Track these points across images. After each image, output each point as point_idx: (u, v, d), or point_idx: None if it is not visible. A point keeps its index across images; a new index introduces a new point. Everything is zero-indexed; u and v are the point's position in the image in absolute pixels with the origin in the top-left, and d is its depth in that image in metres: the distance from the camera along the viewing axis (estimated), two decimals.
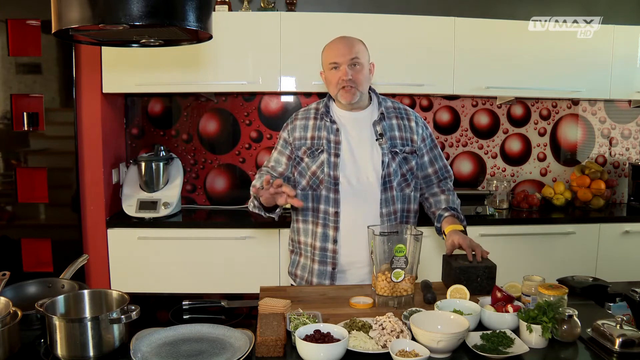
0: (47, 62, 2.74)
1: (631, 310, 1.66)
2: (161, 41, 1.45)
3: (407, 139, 1.90)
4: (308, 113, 1.94)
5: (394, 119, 1.91)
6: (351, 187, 1.85)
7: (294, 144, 1.91)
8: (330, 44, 1.89)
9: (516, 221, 3.15)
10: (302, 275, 1.96)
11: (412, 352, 1.28)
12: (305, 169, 1.88)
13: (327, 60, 1.86)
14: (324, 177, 1.85)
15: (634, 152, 3.63)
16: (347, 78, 1.80)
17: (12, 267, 2.38)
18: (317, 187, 1.86)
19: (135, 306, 1.35)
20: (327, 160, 1.84)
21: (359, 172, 1.85)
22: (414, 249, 1.64)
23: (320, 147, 1.86)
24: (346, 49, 1.82)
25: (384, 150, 1.85)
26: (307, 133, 1.90)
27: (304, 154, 1.88)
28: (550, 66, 3.12)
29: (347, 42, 1.84)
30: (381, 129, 1.87)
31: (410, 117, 1.94)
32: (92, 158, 2.88)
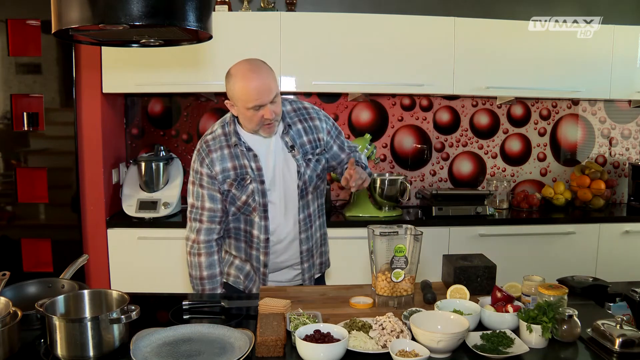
0: (47, 62, 2.74)
1: (631, 310, 1.66)
2: (161, 41, 1.45)
3: (315, 140, 1.89)
4: (219, 142, 1.83)
5: (298, 124, 1.88)
6: (276, 207, 1.86)
7: (218, 178, 1.82)
8: (245, 82, 1.71)
9: (516, 221, 3.15)
10: (236, 274, 1.97)
11: (412, 352, 1.28)
12: (234, 198, 1.84)
13: (247, 103, 1.71)
14: (255, 205, 1.84)
15: (634, 152, 3.63)
16: (271, 117, 1.74)
17: (12, 267, 2.39)
18: (250, 214, 1.86)
19: (135, 306, 1.35)
20: (256, 188, 1.82)
21: (281, 191, 1.86)
22: (413, 249, 1.64)
23: (245, 176, 1.82)
24: (266, 89, 1.70)
25: (298, 162, 1.85)
26: (227, 164, 1.81)
27: (230, 186, 1.82)
28: (550, 66, 3.12)
29: (264, 81, 1.70)
30: (290, 140, 1.85)
31: (312, 116, 1.92)
32: (92, 158, 2.88)
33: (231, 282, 1.99)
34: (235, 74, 1.75)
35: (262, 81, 1.70)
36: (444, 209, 3.05)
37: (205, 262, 1.85)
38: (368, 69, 3.00)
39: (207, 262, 1.85)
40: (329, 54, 2.96)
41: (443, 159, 3.49)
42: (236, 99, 1.74)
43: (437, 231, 2.98)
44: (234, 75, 1.75)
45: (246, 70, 1.73)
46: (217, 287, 1.86)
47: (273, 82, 1.73)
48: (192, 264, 1.87)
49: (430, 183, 3.49)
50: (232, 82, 1.75)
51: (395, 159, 3.45)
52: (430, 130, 3.45)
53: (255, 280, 1.95)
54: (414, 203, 3.41)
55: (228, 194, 1.83)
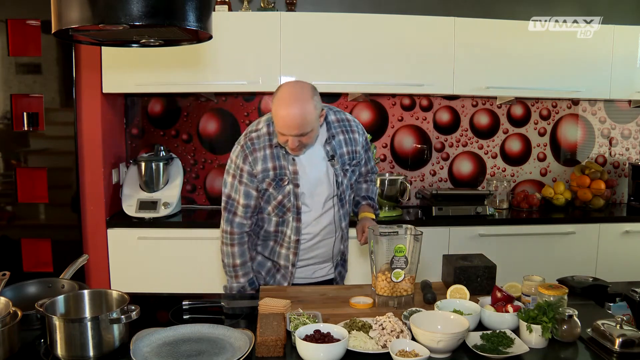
0: (47, 62, 2.74)
1: (631, 310, 1.66)
2: (161, 41, 1.45)
3: (352, 152, 1.96)
4: (263, 141, 1.86)
5: (340, 135, 1.93)
6: (310, 212, 1.91)
7: (258, 177, 1.85)
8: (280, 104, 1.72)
9: (516, 221, 3.16)
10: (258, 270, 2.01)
11: (412, 352, 1.28)
12: (271, 197, 1.88)
13: (276, 122, 1.74)
14: (290, 206, 1.88)
15: (634, 152, 3.63)
16: (293, 147, 1.76)
17: (12, 267, 2.38)
18: (284, 214, 1.90)
19: (135, 306, 1.35)
20: (292, 190, 1.86)
21: (316, 196, 1.90)
22: (413, 249, 1.64)
23: (283, 177, 1.85)
24: (294, 124, 1.70)
25: (337, 171, 1.90)
26: (268, 164, 1.85)
27: (269, 185, 1.86)
28: (550, 66, 3.12)
29: (293, 115, 1.69)
30: (332, 150, 1.90)
31: (353, 128, 1.98)
32: (92, 158, 2.88)
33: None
34: (279, 90, 1.77)
35: (291, 113, 1.70)
36: (444, 209, 3.05)
37: (238, 251, 1.91)
38: (368, 69, 3.00)
39: (240, 250, 1.91)
40: (329, 54, 2.96)
41: (443, 159, 3.49)
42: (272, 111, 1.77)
43: (437, 231, 2.98)
44: (277, 94, 1.76)
45: (285, 93, 1.74)
46: (249, 272, 1.92)
47: (305, 118, 1.70)
48: (226, 253, 1.92)
49: (430, 183, 3.49)
50: (273, 98, 1.76)
51: (395, 159, 3.44)
52: (430, 130, 3.45)
53: (276, 277, 1.99)
54: (414, 203, 3.41)
55: (265, 193, 1.88)
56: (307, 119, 1.71)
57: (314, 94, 1.76)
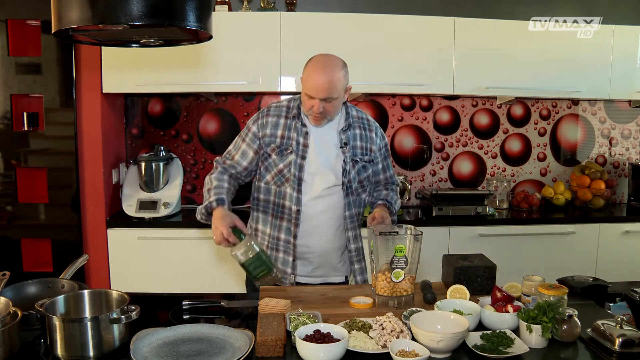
0: (47, 62, 2.74)
1: (631, 310, 1.66)
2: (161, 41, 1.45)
3: (366, 149, 2.01)
4: (280, 111, 1.97)
5: (357, 129, 2.01)
6: (312, 188, 1.93)
7: (264, 140, 1.94)
8: (312, 70, 1.85)
9: (516, 221, 3.16)
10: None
11: (412, 352, 1.28)
12: (272, 165, 1.94)
13: (305, 88, 1.86)
14: (289, 177, 1.92)
15: (634, 152, 3.63)
16: (317, 111, 1.86)
17: (12, 267, 2.38)
18: (282, 185, 1.94)
19: (135, 306, 1.35)
20: (295, 161, 1.91)
21: (320, 176, 1.93)
22: (413, 249, 1.64)
23: (289, 147, 1.92)
24: (324, 88, 1.82)
25: (346, 158, 1.95)
26: (278, 131, 1.94)
27: (273, 151, 1.93)
28: (550, 66, 3.12)
29: (326, 79, 1.82)
30: (346, 138, 1.96)
31: (371, 128, 2.06)
32: (92, 158, 2.88)
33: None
34: (312, 60, 1.90)
35: (321, 78, 1.82)
36: (444, 209, 3.05)
37: (216, 177, 1.96)
38: (368, 69, 3.00)
39: (217, 177, 1.97)
40: None
41: (443, 159, 3.49)
42: (303, 79, 1.89)
43: (437, 231, 2.98)
44: (310, 60, 1.90)
45: (321, 62, 1.87)
46: (222, 193, 1.91)
47: (333, 84, 1.82)
48: (205, 182, 1.98)
49: (430, 183, 3.49)
50: (307, 65, 1.90)
51: (395, 159, 3.44)
52: (430, 130, 3.45)
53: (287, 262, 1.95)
54: (414, 203, 3.41)
55: (267, 159, 1.94)
56: (336, 85, 1.83)
57: (344, 66, 1.89)
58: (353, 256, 2.01)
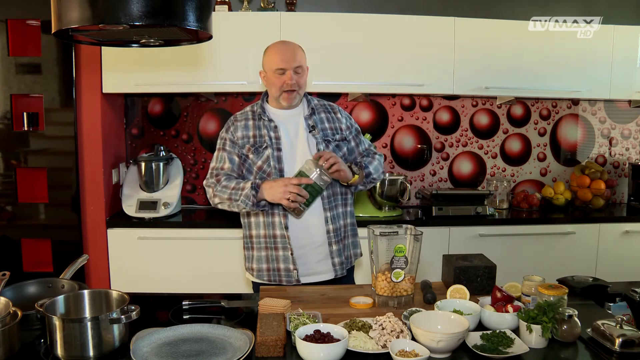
0: (47, 62, 2.74)
1: (631, 310, 1.66)
2: (161, 41, 1.45)
3: (336, 129, 2.09)
4: (246, 115, 2.08)
5: (322, 113, 2.11)
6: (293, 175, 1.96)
7: (238, 142, 2.02)
8: (275, 49, 2.01)
9: (516, 221, 3.15)
10: (260, 267, 2.02)
11: (412, 352, 1.28)
12: (251, 165, 2.01)
13: (273, 65, 1.98)
14: (270, 171, 1.98)
15: (634, 152, 3.63)
16: (292, 82, 1.97)
17: (12, 267, 2.38)
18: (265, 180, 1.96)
19: (135, 306, 1.35)
20: (272, 154, 1.99)
21: (298, 162, 1.99)
22: (413, 249, 1.64)
23: (262, 143, 2.00)
24: (291, 56, 1.97)
25: (317, 140, 2.03)
26: (249, 132, 2.03)
27: (248, 151, 2.01)
28: (550, 66, 3.12)
29: (291, 49, 1.99)
30: (313, 122, 2.06)
31: (335, 110, 2.15)
32: (92, 158, 2.88)
33: (255, 276, 2.04)
34: (270, 45, 2.05)
35: (288, 49, 1.99)
36: (444, 209, 3.05)
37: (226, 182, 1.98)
38: (368, 69, 3.00)
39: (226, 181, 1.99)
40: (329, 54, 2.96)
41: (443, 159, 3.49)
42: (266, 64, 2.02)
43: (437, 231, 2.98)
44: (269, 46, 2.05)
45: (279, 42, 2.06)
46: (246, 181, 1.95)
47: (300, 55, 2.00)
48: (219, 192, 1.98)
49: (430, 183, 3.49)
50: (266, 50, 2.04)
51: (395, 159, 3.45)
52: (430, 130, 3.45)
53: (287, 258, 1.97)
54: (414, 203, 3.41)
55: (246, 160, 2.02)
56: (302, 55, 2.01)
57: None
58: (331, 237, 1.99)
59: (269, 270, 2.00)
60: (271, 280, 2.00)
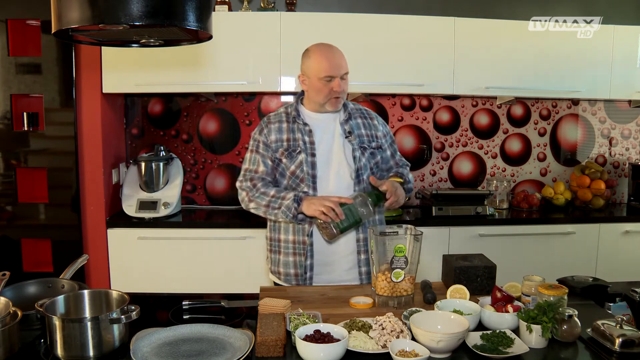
0: (47, 62, 2.74)
1: (631, 310, 1.66)
2: (161, 41, 1.45)
3: (372, 136, 2.04)
4: (280, 117, 2.02)
5: (358, 118, 2.05)
6: (327, 183, 1.94)
7: (271, 146, 1.97)
8: (322, 55, 1.94)
9: (516, 221, 3.15)
10: (287, 272, 1.99)
11: (412, 352, 1.28)
12: (284, 169, 1.97)
13: (320, 72, 1.92)
14: (304, 176, 1.93)
15: (634, 152, 3.63)
16: (340, 90, 1.93)
17: (12, 267, 2.38)
18: (297, 186, 1.94)
19: (135, 306, 1.35)
20: (305, 160, 1.93)
21: (333, 169, 1.95)
22: (413, 249, 1.64)
23: (297, 147, 1.95)
24: (339, 63, 1.93)
25: (354, 146, 1.97)
26: (283, 135, 1.97)
27: (282, 155, 1.96)
28: (550, 66, 3.12)
29: (339, 55, 1.95)
30: (349, 127, 2.00)
31: (372, 116, 2.10)
32: (92, 158, 2.88)
33: (283, 280, 2.01)
34: (312, 49, 1.99)
35: (336, 56, 1.94)
36: (444, 209, 3.05)
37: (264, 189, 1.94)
38: (368, 69, 3.00)
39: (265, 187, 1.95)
40: None
41: (443, 159, 3.49)
42: (310, 70, 1.95)
43: (437, 231, 2.98)
44: (312, 50, 1.98)
45: (324, 46, 1.98)
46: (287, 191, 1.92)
47: (345, 61, 1.96)
48: (258, 199, 1.93)
49: (430, 183, 3.49)
50: (309, 56, 1.97)
51: None
52: (430, 130, 3.45)
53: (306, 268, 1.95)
54: (414, 203, 3.41)
55: (279, 164, 1.97)
56: (345, 62, 1.96)
57: None
58: (361, 245, 1.97)
59: (297, 276, 1.97)
60: (299, 284, 1.98)
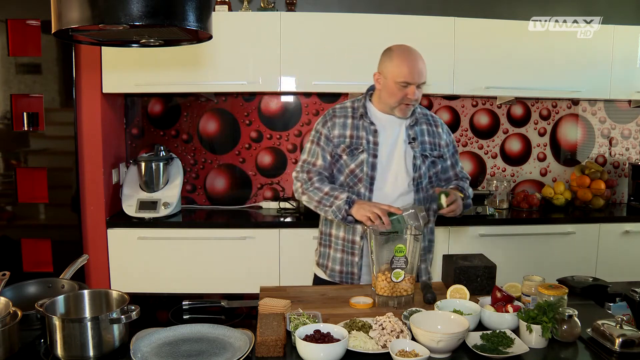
0: (47, 62, 2.74)
1: (631, 310, 1.66)
2: (161, 41, 1.44)
3: (435, 144, 2.00)
4: (345, 111, 1.98)
5: (424, 125, 2.00)
6: (384, 187, 1.92)
7: (333, 141, 1.94)
8: (405, 60, 1.87)
9: (516, 221, 3.15)
10: (333, 267, 1.99)
11: (412, 352, 1.28)
12: (343, 166, 1.94)
13: (399, 77, 1.86)
14: (362, 176, 1.91)
15: (634, 152, 3.63)
16: (414, 98, 1.87)
17: (12, 267, 2.38)
18: (355, 185, 1.92)
19: (135, 306, 1.35)
20: (367, 160, 1.90)
21: (392, 173, 1.93)
22: (413, 249, 1.64)
23: (359, 146, 1.92)
24: (420, 71, 1.87)
25: (415, 153, 1.94)
26: (346, 131, 1.94)
27: (343, 151, 1.93)
28: (550, 66, 3.12)
29: (421, 64, 1.88)
30: (414, 133, 1.96)
31: (437, 123, 2.05)
32: (92, 158, 2.88)
33: (328, 275, 2.01)
34: (396, 49, 1.92)
35: (418, 63, 1.87)
36: None
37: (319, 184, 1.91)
38: (368, 69, 2.98)
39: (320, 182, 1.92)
40: (329, 54, 2.96)
41: None
42: (388, 71, 1.89)
43: (437, 231, 2.97)
44: (395, 51, 1.91)
45: (407, 51, 1.91)
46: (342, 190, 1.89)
47: (425, 70, 1.89)
48: (311, 193, 1.91)
49: None
50: (391, 56, 1.90)
51: None
52: None
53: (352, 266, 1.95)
54: None
55: (339, 160, 1.94)
56: (426, 71, 1.90)
57: None
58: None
59: (342, 273, 1.97)
60: (342, 282, 1.97)
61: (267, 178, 3.39)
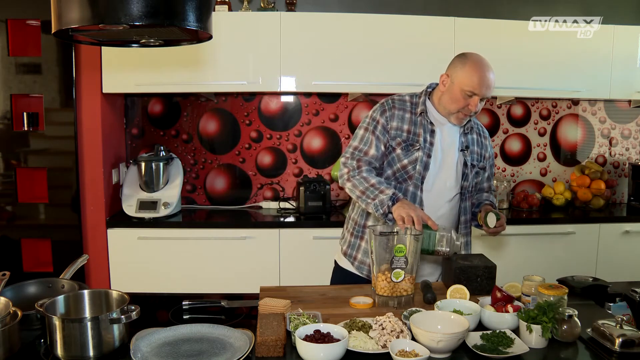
0: (47, 62, 2.74)
1: (631, 310, 1.66)
2: (161, 41, 1.44)
3: (481, 156, 1.99)
4: (404, 105, 1.93)
5: (475, 134, 1.99)
6: (432, 187, 1.89)
7: (390, 132, 1.89)
8: (478, 71, 1.82)
9: (516, 221, 3.15)
10: (363, 260, 1.97)
11: (412, 352, 1.28)
12: (395, 160, 1.89)
13: (468, 86, 1.82)
14: (414, 174, 1.87)
15: (634, 152, 3.63)
16: (475, 110, 1.84)
17: (12, 267, 2.39)
18: (404, 181, 1.88)
19: (135, 306, 1.35)
20: (421, 158, 1.87)
21: (441, 176, 1.90)
22: (414, 249, 1.64)
23: (415, 143, 1.88)
24: (489, 86, 1.83)
25: (467, 162, 1.92)
26: (404, 125, 1.89)
27: (398, 145, 1.88)
28: (550, 66, 3.12)
29: (492, 78, 1.84)
30: (467, 141, 1.94)
31: (485, 135, 2.04)
32: (92, 158, 2.88)
33: (355, 267, 1.98)
34: (470, 57, 1.86)
35: (489, 78, 1.83)
36: None
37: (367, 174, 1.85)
38: (368, 69, 3.00)
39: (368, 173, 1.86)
40: (329, 54, 2.96)
41: None
42: (458, 76, 1.84)
43: None
44: (469, 58, 1.86)
45: (481, 63, 1.85)
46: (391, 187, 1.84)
47: (493, 86, 1.85)
48: (356, 183, 1.84)
49: None
50: (464, 62, 1.85)
51: None
52: None
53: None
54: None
55: (391, 153, 1.89)
56: (493, 86, 1.85)
57: None
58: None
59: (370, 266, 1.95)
60: (369, 276, 1.94)
61: (267, 178, 3.39)
